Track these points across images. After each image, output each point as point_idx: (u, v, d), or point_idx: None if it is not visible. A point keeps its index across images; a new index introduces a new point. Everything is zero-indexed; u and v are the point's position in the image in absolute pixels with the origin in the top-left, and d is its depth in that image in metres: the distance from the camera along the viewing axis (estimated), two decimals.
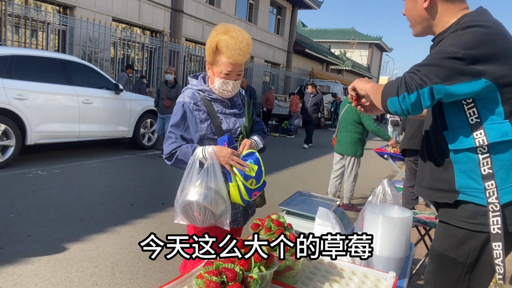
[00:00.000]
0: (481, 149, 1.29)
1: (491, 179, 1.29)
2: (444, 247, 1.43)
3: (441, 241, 1.45)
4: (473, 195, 1.33)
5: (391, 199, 1.80)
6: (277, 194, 5.41)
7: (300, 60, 23.88)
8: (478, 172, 1.31)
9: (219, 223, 1.63)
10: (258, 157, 1.70)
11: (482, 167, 1.30)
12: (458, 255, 1.39)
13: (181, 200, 1.58)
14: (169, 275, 2.91)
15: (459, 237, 1.38)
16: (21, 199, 4.25)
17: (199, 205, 1.55)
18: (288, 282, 1.21)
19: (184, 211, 1.60)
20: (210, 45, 1.69)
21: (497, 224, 1.28)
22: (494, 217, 1.28)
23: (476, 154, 1.30)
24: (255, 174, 1.66)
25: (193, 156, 1.63)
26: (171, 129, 1.74)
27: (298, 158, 8.93)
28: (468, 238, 1.36)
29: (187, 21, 13.98)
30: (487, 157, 1.29)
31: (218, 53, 1.69)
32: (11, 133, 5.57)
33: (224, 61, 1.68)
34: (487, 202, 1.30)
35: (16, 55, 5.80)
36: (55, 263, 2.93)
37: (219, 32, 1.67)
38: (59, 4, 9.79)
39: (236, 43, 1.65)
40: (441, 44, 1.30)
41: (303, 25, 37.66)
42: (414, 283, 2.96)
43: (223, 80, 1.73)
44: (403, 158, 5.07)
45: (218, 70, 1.72)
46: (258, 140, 1.85)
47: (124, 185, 5.22)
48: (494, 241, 1.29)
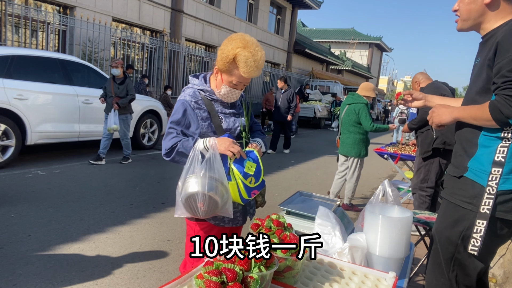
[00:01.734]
0: (506, 140, 1.42)
1: (500, 166, 1.41)
2: (442, 225, 1.59)
3: (440, 221, 1.61)
4: (477, 175, 1.46)
5: (391, 199, 1.80)
6: (277, 194, 5.41)
7: (300, 60, 23.89)
8: (492, 157, 1.43)
9: (223, 211, 1.64)
10: (256, 155, 1.72)
11: (497, 154, 1.42)
12: (451, 234, 1.54)
13: (184, 192, 1.59)
14: (169, 275, 2.91)
15: (455, 217, 1.53)
16: (21, 199, 4.25)
17: (204, 196, 1.56)
18: (288, 282, 1.21)
19: (187, 204, 1.61)
20: (226, 55, 1.68)
21: (487, 205, 1.41)
22: (487, 199, 1.41)
23: (498, 142, 1.43)
24: (253, 172, 1.67)
25: (194, 148, 1.64)
26: (172, 125, 1.74)
27: (298, 158, 8.93)
28: (463, 219, 1.50)
29: (187, 21, 13.98)
30: (506, 147, 1.42)
31: (234, 64, 1.69)
32: (11, 133, 5.57)
33: (238, 74, 1.69)
34: (487, 184, 1.42)
35: (16, 55, 5.80)
36: (55, 263, 2.93)
37: (239, 45, 1.66)
38: (59, 4, 9.80)
39: (255, 60, 1.66)
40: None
41: (303, 25, 37.66)
42: (414, 283, 2.96)
43: (230, 89, 1.75)
44: (403, 158, 5.09)
45: (229, 79, 1.73)
46: (262, 144, 1.89)
47: (124, 185, 5.22)
48: (479, 218, 1.43)
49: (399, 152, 5.04)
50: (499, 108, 1.36)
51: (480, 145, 1.49)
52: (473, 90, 1.55)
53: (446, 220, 1.57)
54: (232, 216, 1.68)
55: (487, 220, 1.41)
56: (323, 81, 21.50)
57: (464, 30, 1.58)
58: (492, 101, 1.41)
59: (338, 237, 1.64)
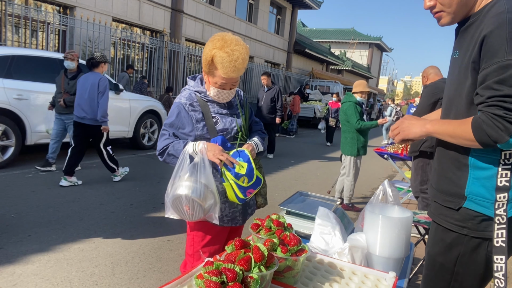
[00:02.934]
0: (505, 161, 1.21)
1: (505, 191, 1.22)
2: (434, 250, 1.39)
3: (432, 244, 1.41)
4: (481, 205, 1.25)
5: (391, 199, 1.80)
6: (277, 194, 5.41)
7: (300, 60, 23.88)
8: (494, 183, 1.23)
9: (208, 217, 1.65)
10: (247, 155, 1.72)
11: (499, 178, 1.22)
12: (446, 260, 1.34)
13: (171, 194, 1.60)
14: (169, 275, 2.91)
15: (448, 241, 1.34)
16: (21, 199, 4.25)
17: (188, 199, 1.57)
18: (288, 282, 1.21)
19: (174, 205, 1.62)
20: (205, 56, 1.69)
21: (501, 237, 1.21)
22: (499, 230, 1.21)
23: (498, 165, 1.22)
24: (245, 172, 1.67)
25: (183, 151, 1.66)
26: (166, 127, 1.78)
27: (298, 158, 8.93)
28: (457, 243, 1.31)
29: (187, 21, 13.98)
30: (508, 169, 1.21)
31: (213, 66, 1.69)
32: (11, 133, 5.57)
33: (219, 74, 1.70)
34: (494, 213, 1.23)
35: (16, 55, 5.80)
36: (55, 263, 2.93)
37: (216, 46, 1.65)
38: (59, 4, 9.79)
39: (231, 61, 1.64)
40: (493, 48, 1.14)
41: (303, 25, 37.64)
42: (414, 283, 2.95)
43: (218, 90, 1.76)
44: (403, 158, 5.08)
45: (213, 80, 1.74)
46: (258, 143, 1.87)
47: (124, 185, 5.22)
48: (497, 254, 1.23)
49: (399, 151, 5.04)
50: (484, 129, 1.14)
51: (471, 167, 1.27)
52: (456, 100, 1.31)
53: (437, 244, 1.38)
54: (217, 222, 1.68)
55: (505, 255, 1.21)
56: (323, 81, 21.50)
57: (452, 22, 1.34)
58: (476, 119, 1.18)
59: (338, 237, 1.64)
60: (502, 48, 1.12)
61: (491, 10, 1.19)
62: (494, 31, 1.14)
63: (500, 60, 1.12)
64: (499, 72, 1.12)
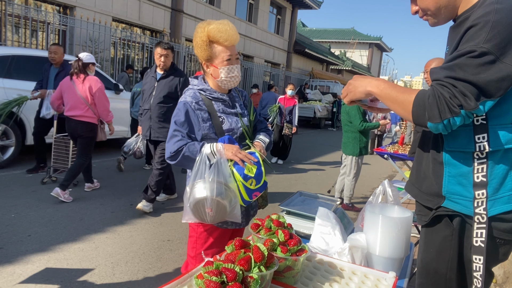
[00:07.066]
0: (479, 154, 1.16)
1: (483, 188, 1.16)
2: (428, 256, 1.35)
3: (424, 250, 1.37)
4: (460, 203, 1.21)
5: (391, 199, 1.79)
6: (277, 194, 5.41)
7: (300, 60, 23.88)
8: (470, 179, 1.18)
9: (231, 216, 1.63)
10: (258, 157, 1.70)
11: (475, 173, 1.17)
12: (439, 265, 1.30)
13: (192, 198, 1.58)
14: (169, 275, 2.90)
15: (437, 244, 1.30)
16: (21, 199, 4.25)
17: (213, 201, 1.55)
18: (288, 282, 1.21)
19: (195, 209, 1.59)
20: (201, 40, 1.70)
21: (480, 236, 1.16)
22: (479, 229, 1.16)
23: (472, 159, 1.18)
24: (254, 174, 1.66)
25: (201, 153, 1.63)
26: (176, 128, 1.72)
27: (298, 158, 8.92)
28: (446, 247, 1.27)
29: (187, 21, 13.98)
30: (484, 163, 1.16)
31: (212, 43, 1.71)
32: (11, 133, 5.56)
33: (221, 48, 1.72)
34: (474, 212, 1.18)
35: (16, 55, 5.80)
36: (55, 263, 2.93)
37: (203, 26, 1.71)
38: (59, 4, 9.79)
39: (224, 26, 1.70)
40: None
41: (303, 25, 37.66)
42: (414, 283, 2.95)
43: (227, 67, 1.74)
44: (403, 158, 5.08)
45: (219, 60, 1.74)
46: (264, 139, 1.88)
47: (124, 185, 5.22)
48: (476, 253, 1.18)
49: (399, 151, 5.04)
50: (424, 104, 1.11)
51: (446, 164, 1.23)
52: None
53: (428, 249, 1.34)
54: (240, 221, 1.67)
55: (483, 255, 1.16)
56: (323, 81, 21.51)
57: (442, 22, 1.31)
58: (423, 93, 1.13)
59: (338, 237, 1.64)
60: (482, 35, 1.07)
61: (484, 3, 1.16)
62: (479, 18, 1.10)
63: (475, 45, 1.07)
64: (468, 56, 1.08)
